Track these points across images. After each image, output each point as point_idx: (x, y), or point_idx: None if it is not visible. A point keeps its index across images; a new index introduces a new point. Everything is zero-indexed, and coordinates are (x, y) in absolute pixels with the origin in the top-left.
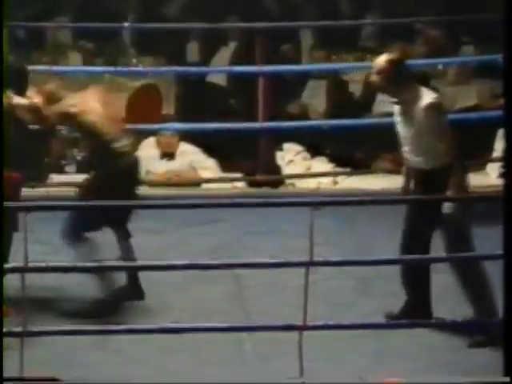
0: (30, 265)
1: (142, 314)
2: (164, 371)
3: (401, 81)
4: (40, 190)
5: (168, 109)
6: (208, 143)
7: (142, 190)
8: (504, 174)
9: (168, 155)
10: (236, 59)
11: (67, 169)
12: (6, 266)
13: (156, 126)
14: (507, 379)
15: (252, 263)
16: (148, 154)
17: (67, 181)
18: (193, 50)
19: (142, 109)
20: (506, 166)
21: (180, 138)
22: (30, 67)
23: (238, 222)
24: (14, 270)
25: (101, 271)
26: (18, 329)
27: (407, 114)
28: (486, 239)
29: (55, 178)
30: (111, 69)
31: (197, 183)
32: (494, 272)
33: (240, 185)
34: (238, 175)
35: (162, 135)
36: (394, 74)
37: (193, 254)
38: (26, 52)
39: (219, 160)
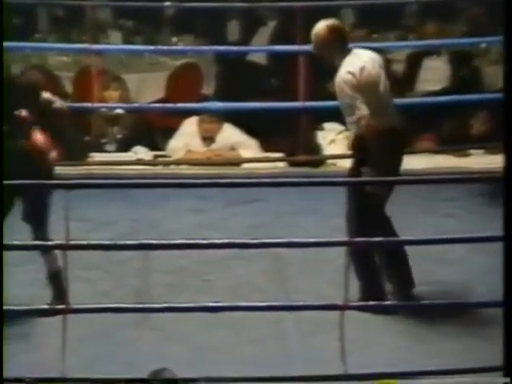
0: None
1: (181, 292)
2: (204, 349)
3: (335, 47)
4: (80, 168)
5: (208, 87)
6: (249, 123)
7: (184, 169)
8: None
9: (209, 138)
10: (276, 38)
11: (107, 147)
12: (50, 243)
13: (198, 105)
14: (507, 379)
15: (292, 242)
16: (190, 132)
17: (107, 159)
18: (233, 29)
19: (183, 87)
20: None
21: (221, 118)
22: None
23: (278, 201)
24: (56, 247)
25: (142, 249)
26: (61, 306)
27: None
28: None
29: (96, 156)
30: (151, 47)
31: (237, 163)
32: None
33: (281, 165)
34: (279, 155)
35: (203, 120)
36: (330, 41)
37: (233, 233)
38: (66, 30)
39: (260, 140)
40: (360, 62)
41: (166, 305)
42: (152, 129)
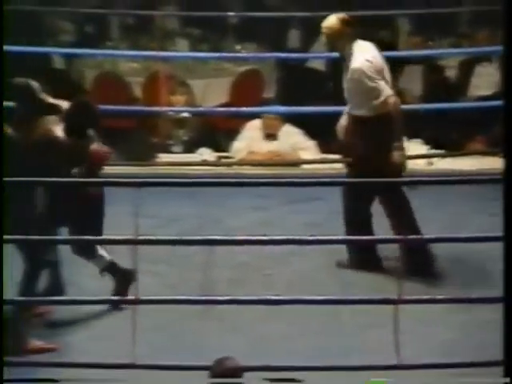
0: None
1: (243, 285)
2: (263, 339)
3: (346, 38)
4: (149, 168)
5: (269, 92)
6: (308, 125)
7: (246, 169)
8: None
9: (271, 136)
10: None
11: (174, 149)
12: (120, 238)
13: (260, 109)
14: (507, 379)
15: (345, 239)
16: (252, 134)
17: (174, 160)
18: (293, 37)
19: (246, 92)
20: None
21: (282, 119)
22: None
23: (334, 200)
24: (126, 242)
25: (206, 244)
26: (131, 297)
27: (346, 69)
28: None
29: (163, 157)
30: (216, 54)
31: (297, 164)
32: None
33: (337, 166)
34: (336, 156)
35: (266, 117)
36: (341, 32)
37: (291, 230)
38: (136, 38)
39: (319, 142)
40: (371, 50)
41: (228, 297)
42: (216, 131)
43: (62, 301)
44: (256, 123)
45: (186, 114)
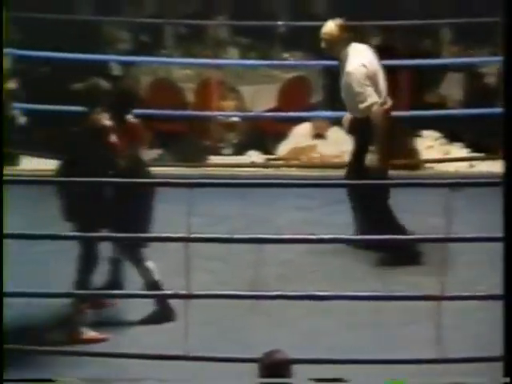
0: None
1: (290, 282)
2: (308, 334)
3: (343, 43)
4: (201, 170)
5: (316, 98)
6: None
7: (292, 171)
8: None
9: (319, 136)
10: (378, 53)
11: (224, 151)
12: (173, 235)
13: (306, 114)
14: (507, 379)
15: (390, 238)
16: (299, 138)
17: (224, 162)
18: None
19: (293, 98)
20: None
21: (330, 122)
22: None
23: None
24: (179, 240)
25: (255, 242)
26: (184, 292)
27: (341, 70)
28: None
29: (213, 159)
30: (266, 62)
31: (341, 166)
32: None
33: None
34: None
35: (315, 119)
36: (339, 37)
37: (333, 229)
38: (188, 46)
39: None
40: (368, 55)
41: (276, 293)
42: (264, 135)
43: (114, 294)
44: (303, 128)
45: (235, 119)
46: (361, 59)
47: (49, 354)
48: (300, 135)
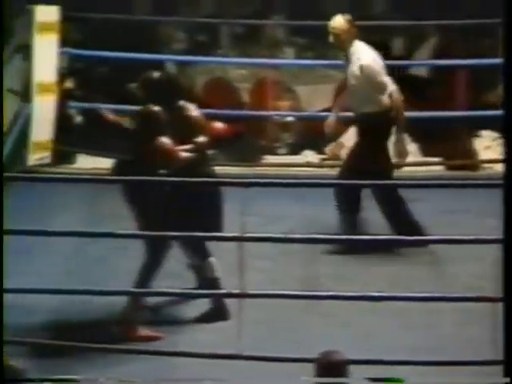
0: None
1: (345, 281)
2: (367, 334)
3: (351, 38)
4: (256, 169)
5: None
6: (413, 129)
7: None
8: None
9: None
10: (436, 53)
11: (279, 151)
12: (228, 235)
13: None
14: (507, 379)
15: (449, 239)
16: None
17: (279, 161)
18: (397, 44)
19: None
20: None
21: None
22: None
23: (435, 201)
24: (233, 239)
25: (310, 243)
26: (236, 291)
27: (348, 66)
28: None
29: (269, 158)
30: (323, 62)
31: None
32: None
33: (438, 168)
34: (437, 159)
35: None
36: (347, 32)
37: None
38: (244, 46)
39: (421, 144)
40: (373, 51)
41: (330, 293)
42: (320, 135)
43: (164, 293)
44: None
45: (291, 118)
46: (371, 53)
47: (104, 352)
48: (350, 138)
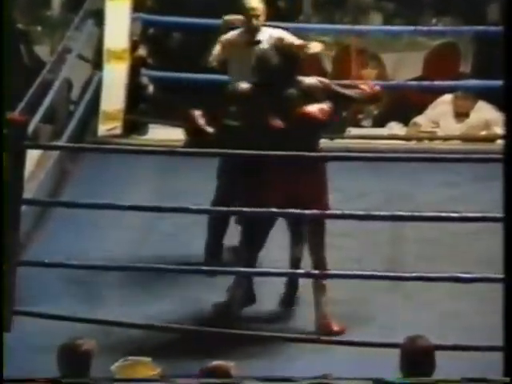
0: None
1: (434, 262)
2: (449, 316)
3: None
4: (338, 142)
5: (466, 67)
6: (503, 100)
7: (437, 144)
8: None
9: (462, 115)
10: None
11: (364, 123)
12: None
13: (453, 83)
14: (507, 379)
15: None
16: (441, 110)
17: (363, 134)
18: (493, 9)
19: (440, 66)
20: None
21: (475, 98)
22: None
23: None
24: (312, 216)
25: (394, 220)
26: (314, 271)
27: None
28: None
29: (352, 130)
30: (411, 28)
31: (492, 139)
32: None
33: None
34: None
35: (458, 96)
36: None
37: (483, 207)
38: (328, 12)
39: None
40: None
41: (415, 274)
42: (408, 106)
43: (243, 272)
44: (447, 98)
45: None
46: None
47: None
48: (440, 110)
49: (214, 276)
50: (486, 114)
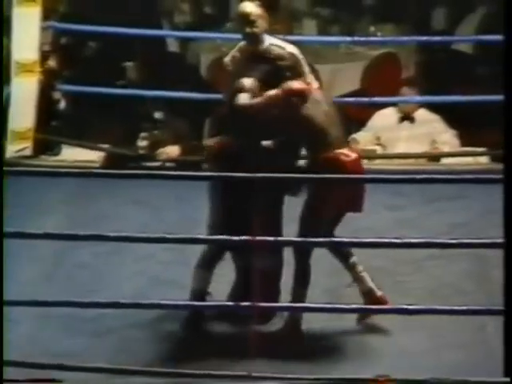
0: None
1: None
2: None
3: None
4: None
5: (407, 77)
6: (450, 113)
7: (378, 164)
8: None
9: (406, 119)
10: (485, 26)
11: None
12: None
13: (396, 99)
14: (507, 379)
15: (496, 243)
16: (383, 123)
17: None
18: (438, 17)
19: (380, 79)
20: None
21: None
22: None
23: (481, 198)
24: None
25: (338, 246)
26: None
27: None
28: None
29: None
30: (348, 38)
31: (436, 158)
32: None
33: (483, 160)
34: (481, 149)
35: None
36: None
37: (432, 231)
38: None
39: (461, 132)
40: None
41: (355, 306)
42: (346, 121)
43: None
44: (388, 112)
45: None
46: None
47: None
48: (381, 124)
49: None
50: (429, 126)
